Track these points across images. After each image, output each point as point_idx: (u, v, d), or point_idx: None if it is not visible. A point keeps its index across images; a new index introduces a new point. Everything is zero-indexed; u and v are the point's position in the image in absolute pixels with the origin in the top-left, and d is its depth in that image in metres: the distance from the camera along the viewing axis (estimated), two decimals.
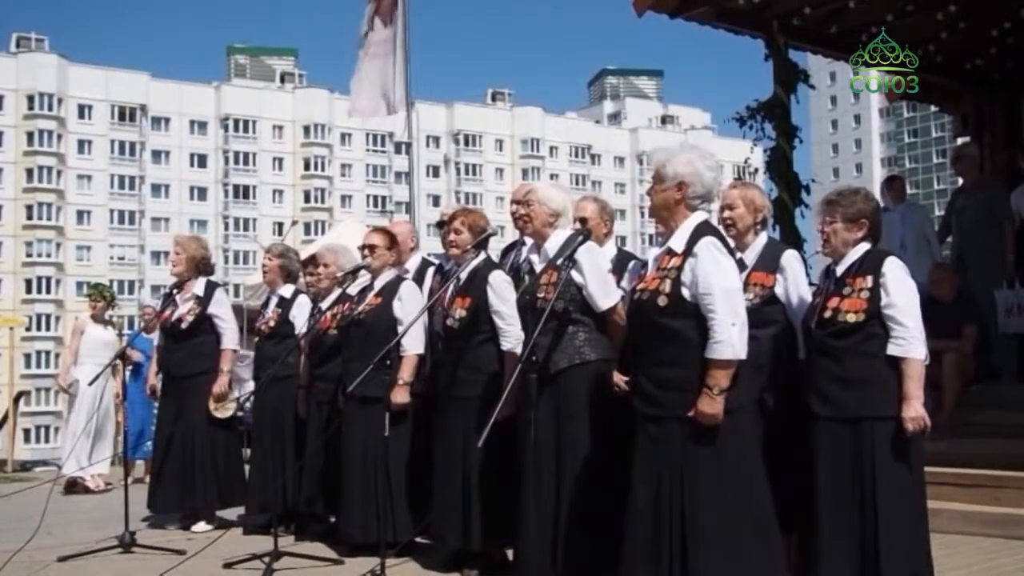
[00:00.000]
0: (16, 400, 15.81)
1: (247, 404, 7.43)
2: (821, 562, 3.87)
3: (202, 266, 6.79)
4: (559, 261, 4.39)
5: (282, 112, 73.90)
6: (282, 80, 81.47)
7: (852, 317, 3.89)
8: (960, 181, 8.85)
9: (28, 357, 62.68)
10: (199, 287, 6.69)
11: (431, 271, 6.11)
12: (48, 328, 64.18)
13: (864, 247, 4.03)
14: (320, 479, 5.87)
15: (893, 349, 3.84)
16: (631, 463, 3.79)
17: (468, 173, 79.88)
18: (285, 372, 6.16)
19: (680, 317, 3.64)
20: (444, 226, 5.25)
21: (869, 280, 3.90)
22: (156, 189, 71.34)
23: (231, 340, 6.71)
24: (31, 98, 66.06)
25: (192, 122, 72.32)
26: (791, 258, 4.44)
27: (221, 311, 6.69)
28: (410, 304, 5.43)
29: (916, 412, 3.79)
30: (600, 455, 4.20)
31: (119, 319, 15.51)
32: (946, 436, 6.09)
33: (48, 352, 62.76)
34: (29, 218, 65.91)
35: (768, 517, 3.68)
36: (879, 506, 3.77)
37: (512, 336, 4.75)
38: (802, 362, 4.19)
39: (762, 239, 4.52)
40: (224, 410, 6.57)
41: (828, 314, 3.96)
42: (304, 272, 6.57)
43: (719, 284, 3.60)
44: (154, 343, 7.74)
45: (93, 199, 68.67)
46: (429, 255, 6.65)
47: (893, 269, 3.91)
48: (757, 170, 9.39)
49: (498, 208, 60.42)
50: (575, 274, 4.31)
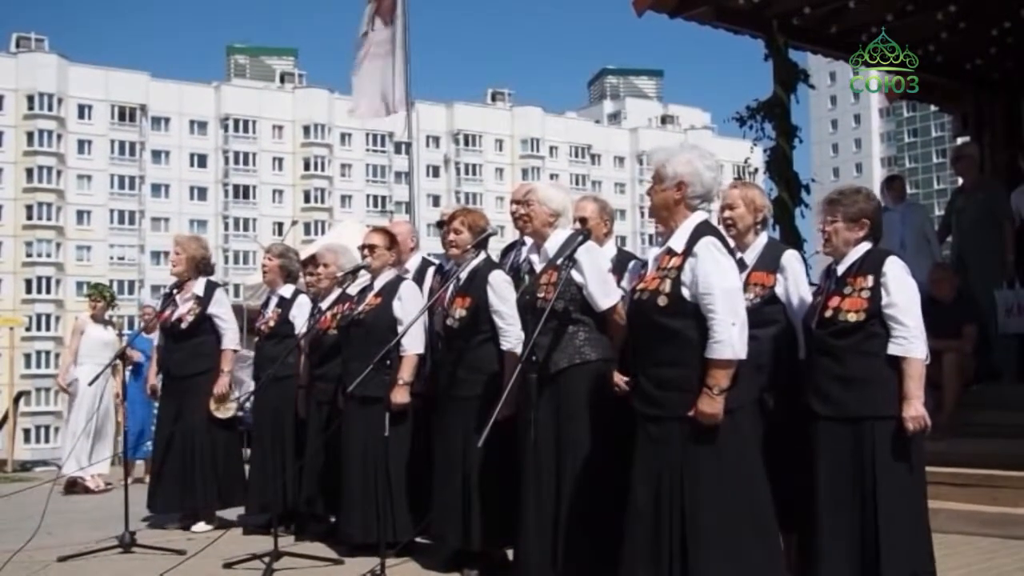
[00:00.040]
0: (16, 400, 15.81)
1: (247, 404, 7.43)
2: (821, 562, 3.87)
3: (202, 266, 6.79)
4: (559, 261, 4.39)
5: (282, 112, 73.88)
6: (282, 80, 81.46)
7: (853, 316, 3.89)
8: (960, 181, 8.85)
9: (28, 357, 62.68)
10: (199, 287, 6.69)
11: (431, 271, 6.10)
12: (48, 328, 64.17)
13: (865, 246, 4.03)
14: (320, 479, 5.87)
15: (894, 349, 3.84)
16: (631, 463, 3.78)
17: (468, 173, 79.87)
18: (285, 372, 6.16)
19: (680, 317, 3.64)
20: (444, 226, 5.25)
21: (870, 279, 3.90)
22: (156, 189, 71.32)
23: (231, 340, 6.72)
24: (31, 98, 66.03)
25: (192, 122, 72.30)
26: (791, 258, 4.44)
27: (221, 311, 6.70)
28: (410, 304, 5.43)
29: (917, 411, 3.79)
30: (600, 455, 4.20)
31: (119, 319, 15.50)
32: (946, 436, 6.09)
33: (48, 352, 62.73)
34: (29, 218, 65.90)
35: (768, 517, 3.68)
36: (879, 506, 3.76)
37: (512, 336, 4.75)
38: (802, 362, 4.20)
39: (762, 239, 4.52)
40: (225, 411, 6.58)
41: (829, 313, 3.96)
42: (304, 272, 6.57)
43: (719, 284, 3.60)
44: (154, 343, 7.74)
45: (93, 199, 68.65)
46: (429, 255, 6.65)
47: (894, 268, 3.91)
48: (757, 170, 9.38)
49: (498, 208, 60.42)
50: (575, 274, 4.31)
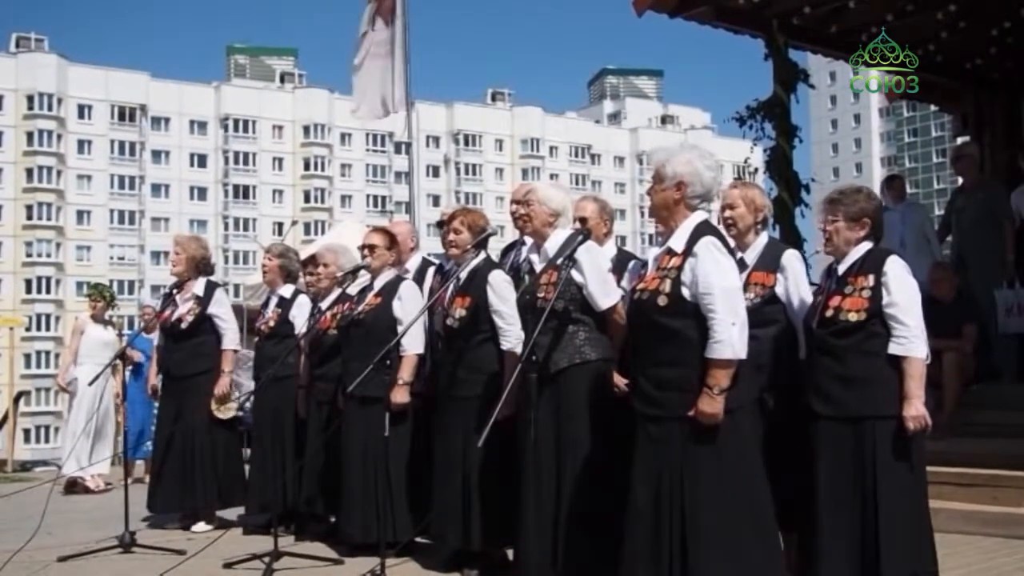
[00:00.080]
0: (16, 400, 15.81)
1: (247, 404, 7.42)
2: (821, 562, 3.86)
3: (202, 266, 6.79)
4: (559, 261, 4.39)
5: (282, 112, 73.87)
6: (282, 80, 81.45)
7: (854, 316, 3.89)
8: (960, 181, 8.85)
9: (28, 357, 62.67)
10: (199, 287, 6.69)
11: (431, 271, 6.10)
12: (48, 328, 64.16)
13: (866, 246, 4.03)
14: (320, 479, 5.87)
15: (894, 348, 3.84)
16: (631, 463, 3.78)
17: (468, 173, 79.85)
18: (285, 372, 6.15)
19: (680, 317, 3.64)
20: (444, 226, 5.25)
21: (871, 279, 3.90)
22: (156, 189, 71.31)
23: (231, 340, 6.72)
24: (31, 98, 66.01)
25: (192, 122, 72.28)
26: (792, 258, 4.44)
27: (221, 311, 6.69)
28: (410, 304, 5.43)
29: (917, 411, 3.79)
30: (600, 455, 4.19)
31: (119, 319, 15.48)
32: (946, 435, 6.08)
33: (48, 352, 62.73)
34: (29, 218, 65.89)
35: (768, 517, 3.68)
36: (880, 505, 3.76)
37: (512, 336, 4.75)
38: (803, 361, 4.19)
39: (763, 239, 4.52)
40: (226, 411, 6.58)
41: (830, 313, 3.95)
42: (304, 272, 6.57)
43: (719, 284, 3.60)
44: (154, 343, 7.74)
45: (93, 199, 68.64)
46: (429, 255, 6.65)
47: (895, 268, 3.91)
48: (757, 170, 9.37)
49: (498, 208, 60.42)
50: (575, 273, 4.31)
